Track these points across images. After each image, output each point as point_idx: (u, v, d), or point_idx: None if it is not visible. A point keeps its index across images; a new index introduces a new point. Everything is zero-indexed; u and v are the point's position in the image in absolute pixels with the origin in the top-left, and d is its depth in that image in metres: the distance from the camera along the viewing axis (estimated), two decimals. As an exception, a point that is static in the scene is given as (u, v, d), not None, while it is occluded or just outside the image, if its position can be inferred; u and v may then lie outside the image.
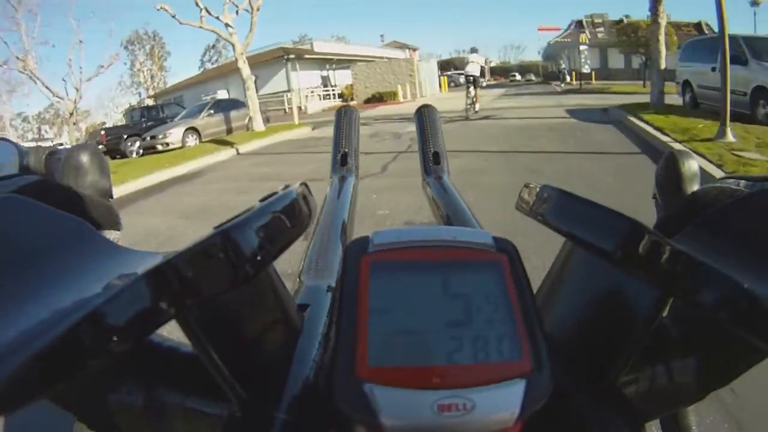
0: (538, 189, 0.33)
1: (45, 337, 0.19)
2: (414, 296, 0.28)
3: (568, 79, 34.37)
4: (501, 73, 76.33)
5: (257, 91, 16.74)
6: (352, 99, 30.98)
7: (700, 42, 12.60)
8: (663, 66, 11.62)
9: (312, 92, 31.45)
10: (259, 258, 0.24)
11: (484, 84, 14.65)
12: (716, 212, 0.34)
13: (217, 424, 0.30)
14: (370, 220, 5.15)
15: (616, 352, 0.30)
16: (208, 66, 57.47)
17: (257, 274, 0.25)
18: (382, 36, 60.31)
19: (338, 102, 31.53)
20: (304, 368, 0.31)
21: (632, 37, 29.01)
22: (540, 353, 0.26)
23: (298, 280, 0.46)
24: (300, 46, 33.22)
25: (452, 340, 0.26)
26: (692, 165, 0.48)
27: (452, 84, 49.15)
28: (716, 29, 8.94)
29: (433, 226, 0.31)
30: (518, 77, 59.47)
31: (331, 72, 34.94)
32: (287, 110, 27.20)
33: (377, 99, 29.16)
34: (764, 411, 2.02)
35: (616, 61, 40.61)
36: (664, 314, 0.30)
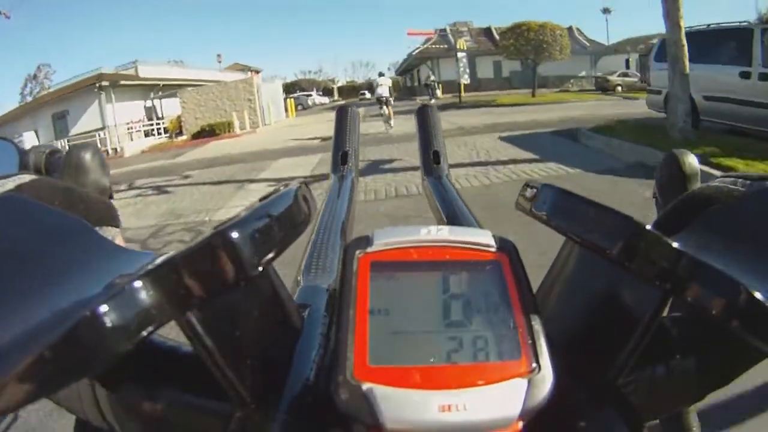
0: (538, 188, 0.33)
1: (46, 338, 0.19)
2: (414, 296, 0.28)
3: (438, 93, 31.42)
4: (348, 92, 72.93)
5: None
6: (180, 133, 25.47)
7: (703, 35, 8.77)
8: (686, 71, 7.85)
9: (131, 128, 25.21)
10: (258, 258, 0.24)
11: (392, 101, 16.21)
12: (716, 211, 0.34)
13: (218, 423, 0.30)
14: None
15: (616, 352, 0.30)
16: (29, 99, 48.23)
17: (257, 274, 0.24)
18: (219, 56, 53.16)
19: (165, 139, 25.85)
20: (304, 368, 0.31)
21: (520, 42, 26.97)
22: (540, 353, 0.26)
23: (297, 279, 0.46)
24: (123, 71, 27.45)
25: (452, 341, 0.26)
26: (693, 163, 0.48)
27: (299, 107, 45.57)
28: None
29: (433, 225, 0.32)
30: (368, 95, 56.11)
31: (157, 101, 28.79)
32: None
33: (208, 133, 23.21)
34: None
35: (485, 70, 39.02)
36: (664, 314, 0.30)
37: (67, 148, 0.55)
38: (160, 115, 28.17)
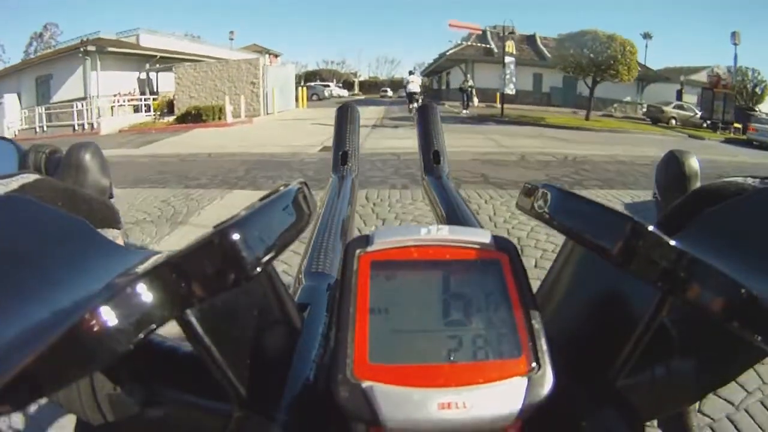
0: (538, 188, 0.33)
1: (46, 338, 0.19)
2: (414, 295, 0.28)
3: (475, 101, 27.05)
4: (370, 88, 69.27)
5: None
6: (171, 112, 21.78)
7: None
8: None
9: (119, 101, 21.93)
10: (258, 257, 0.24)
11: (421, 99, 17.53)
12: (716, 211, 0.34)
13: (218, 423, 0.30)
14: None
15: (616, 352, 0.30)
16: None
17: (256, 274, 0.24)
18: (231, 33, 49.14)
19: (152, 117, 22.24)
20: (304, 367, 0.31)
21: (583, 53, 22.26)
22: (540, 352, 0.26)
23: (297, 279, 0.47)
24: (124, 38, 24.66)
25: (452, 339, 0.27)
26: (693, 164, 0.49)
27: (314, 97, 41.97)
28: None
29: (433, 225, 0.32)
30: (390, 93, 52.47)
31: (153, 74, 25.37)
32: (77, 128, 18.97)
33: (194, 117, 19.08)
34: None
35: (524, 81, 35.08)
36: (664, 314, 0.30)
37: (42, 113, 0.60)
38: (155, 90, 24.77)
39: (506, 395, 0.24)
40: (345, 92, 56.74)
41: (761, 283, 0.24)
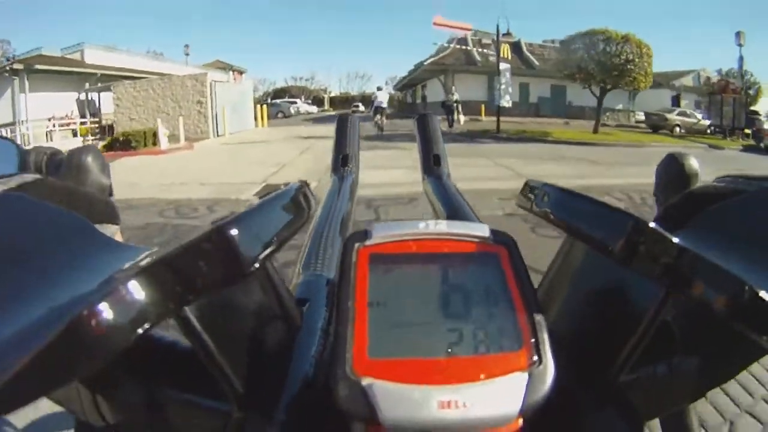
0: (538, 186, 0.33)
1: (44, 335, 0.19)
2: (413, 288, 0.28)
3: (461, 118, 22.99)
4: (341, 104, 66.20)
5: None
6: (110, 135, 17.68)
7: None
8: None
9: (55, 125, 18.91)
10: (256, 254, 0.24)
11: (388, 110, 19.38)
12: (717, 210, 0.35)
13: (217, 419, 0.30)
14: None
15: (617, 350, 0.30)
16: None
17: (255, 271, 0.24)
18: (186, 47, 44.45)
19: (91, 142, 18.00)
20: (304, 363, 0.31)
21: (593, 57, 19.24)
22: (541, 345, 0.26)
23: (297, 275, 0.47)
24: (68, 55, 21.95)
25: (451, 333, 0.26)
26: (692, 164, 0.49)
27: (280, 115, 38.62)
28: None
29: (432, 220, 0.32)
30: (362, 108, 49.27)
31: (96, 95, 21.90)
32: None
33: (122, 144, 15.22)
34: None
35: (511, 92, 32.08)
36: (666, 312, 0.30)
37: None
38: (98, 111, 21.37)
39: (507, 392, 0.24)
40: (314, 108, 53.65)
41: (762, 281, 0.24)
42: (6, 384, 0.18)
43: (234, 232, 0.23)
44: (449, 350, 0.25)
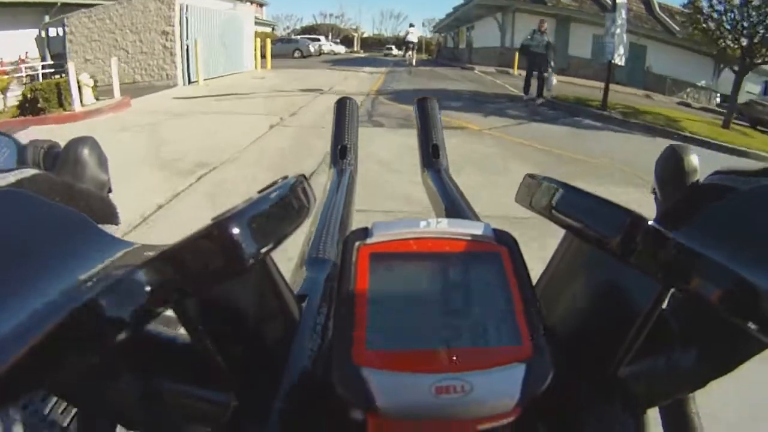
0: (538, 181, 0.34)
1: (43, 327, 0.19)
2: (413, 286, 0.29)
3: (554, 79, 12.28)
4: (372, 45, 60.17)
5: None
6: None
7: None
8: None
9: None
10: (256, 249, 0.25)
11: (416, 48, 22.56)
12: (715, 206, 0.35)
13: (216, 413, 0.30)
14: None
15: (616, 343, 0.31)
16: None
17: (254, 266, 0.25)
18: None
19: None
20: (302, 357, 0.32)
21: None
22: (540, 339, 0.26)
23: (296, 270, 0.48)
24: None
25: (451, 327, 0.27)
26: (692, 159, 0.48)
27: (297, 54, 32.60)
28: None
29: (433, 218, 0.32)
30: (395, 51, 43.36)
31: (55, 29, 16.96)
32: None
33: (31, 105, 9.13)
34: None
35: (581, 45, 25.38)
36: (664, 305, 0.31)
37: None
38: (65, 51, 15.92)
39: (505, 381, 0.24)
40: (342, 49, 47.70)
41: (761, 276, 0.25)
42: (5, 374, 0.18)
43: (233, 227, 0.24)
44: (448, 342, 0.26)
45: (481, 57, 27.74)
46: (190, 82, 13.68)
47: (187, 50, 13.69)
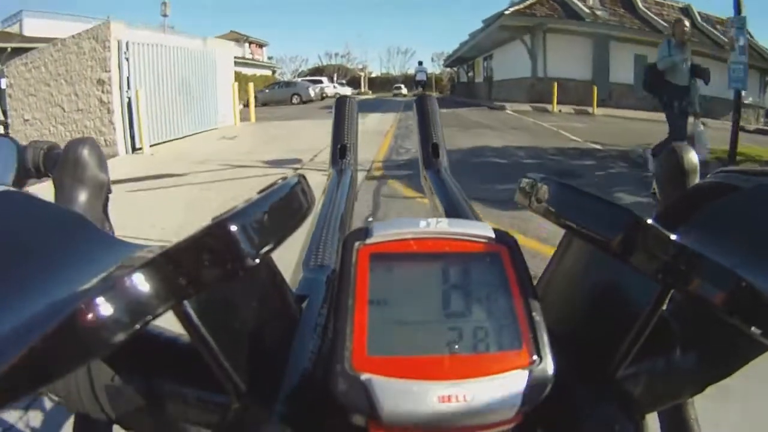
0: (536, 181, 0.33)
1: (42, 329, 0.19)
2: (413, 287, 0.29)
3: (704, 129, 6.77)
4: (381, 85, 57.85)
5: None
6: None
7: None
8: None
9: None
10: (256, 249, 0.25)
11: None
12: (716, 205, 0.35)
13: (216, 414, 0.31)
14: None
15: (616, 345, 0.31)
16: None
17: (255, 266, 0.25)
18: (164, 5, 32.90)
19: None
20: (302, 359, 0.32)
21: None
22: (541, 344, 0.26)
23: (296, 270, 0.48)
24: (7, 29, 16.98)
25: (452, 331, 0.27)
26: (692, 159, 0.49)
27: (295, 99, 29.40)
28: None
29: (433, 218, 0.33)
30: (404, 90, 40.75)
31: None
32: None
33: None
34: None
35: (621, 67, 21.42)
36: (664, 307, 0.31)
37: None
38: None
39: (507, 388, 0.25)
40: (348, 91, 44.54)
41: (761, 277, 0.25)
42: (4, 375, 0.18)
43: (234, 227, 0.24)
44: (450, 348, 0.26)
45: (505, 91, 24.16)
46: (134, 149, 10.06)
47: (129, 104, 10.05)
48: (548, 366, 0.26)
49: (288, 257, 0.43)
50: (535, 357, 0.26)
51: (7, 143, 0.64)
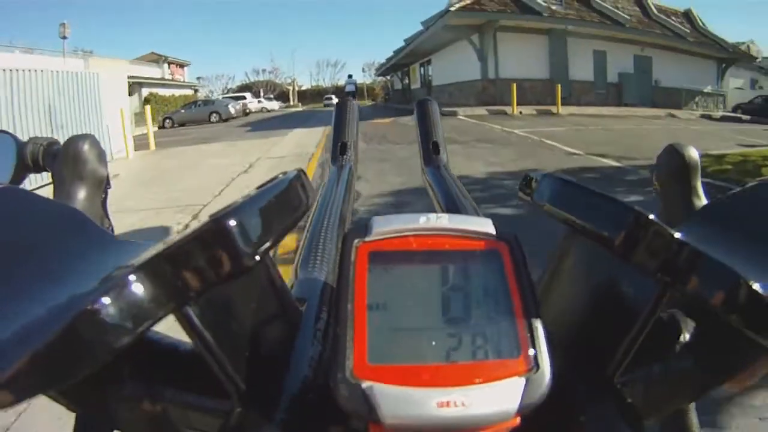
0: (539, 177, 0.33)
1: (44, 333, 0.19)
2: (413, 289, 0.29)
3: None
4: (312, 97, 55.81)
5: None
6: None
7: None
8: None
9: None
10: (255, 247, 0.25)
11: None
12: (717, 203, 0.35)
13: (217, 418, 0.30)
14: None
15: (615, 347, 0.31)
16: None
17: (255, 264, 0.25)
18: (63, 26, 28.81)
19: None
20: (303, 363, 0.31)
21: None
22: (539, 351, 0.26)
23: (295, 272, 0.47)
24: None
25: (451, 338, 0.27)
26: (693, 155, 0.49)
27: (214, 117, 26.77)
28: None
29: (433, 213, 0.32)
30: (335, 99, 38.70)
31: None
32: None
33: None
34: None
35: (581, 64, 19.62)
36: (664, 309, 0.31)
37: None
38: None
39: (504, 394, 0.25)
40: (275, 105, 42.12)
41: (761, 276, 0.25)
42: (6, 381, 0.18)
43: (232, 224, 0.24)
44: (449, 356, 0.26)
45: (448, 95, 22.10)
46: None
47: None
48: (545, 373, 0.26)
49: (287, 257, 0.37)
50: (532, 365, 0.26)
51: (7, 138, 0.64)
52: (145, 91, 29.40)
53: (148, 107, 14.17)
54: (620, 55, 20.01)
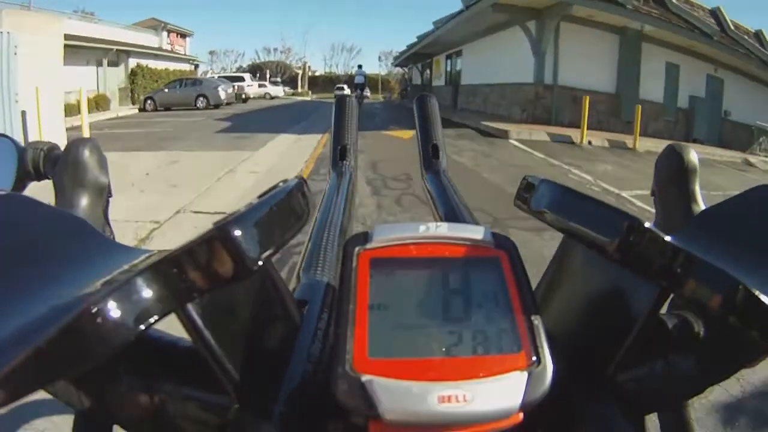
0: (535, 184, 0.34)
1: (45, 331, 0.19)
2: (413, 292, 0.29)
3: None
4: (324, 85, 52.04)
5: None
6: None
7: None
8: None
9: None
10: (258, 253, 0.25)
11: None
12: (714, 209, 0.36)
13: (216, 416, 0.31)
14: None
15: (615, 348, 0.31)
16: None
17: (256, 270, 0.25)
18: None
19: None
20: (303, 362, 0.32)
21: None
22: (540, 347, 0.27)
23: (297, 276, 0.48)
24: None
25: (452, 335, 0.27)
26: (693, 158, 0.49)
27: (201, 102, 23.12)
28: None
29: (433, 222, 0.33)
30: (347, 90, 34.57)
31: None
32: None
33: None
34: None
35: (650, 81, 15.16)
36: (663, 309, 0.31)
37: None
38: None
39: (506, 389, 0.25)
40: (280, 91, 38.44)
41: (759, 280, 0.25)
42: (5, 375, 0.18)
43: (236, 231, 0.24)
44: (449, 351, 0.26)
45: (482, 100, 18.07)
46: None
47: None
48: (547, 368, 0.26)
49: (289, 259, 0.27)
50: (534, 359, 0.26)
51: (7, 143, 0.62)
52: (132, 62, 25.16)
53: (82, 89, 10.41)
54: (693, 72, 15.79)
